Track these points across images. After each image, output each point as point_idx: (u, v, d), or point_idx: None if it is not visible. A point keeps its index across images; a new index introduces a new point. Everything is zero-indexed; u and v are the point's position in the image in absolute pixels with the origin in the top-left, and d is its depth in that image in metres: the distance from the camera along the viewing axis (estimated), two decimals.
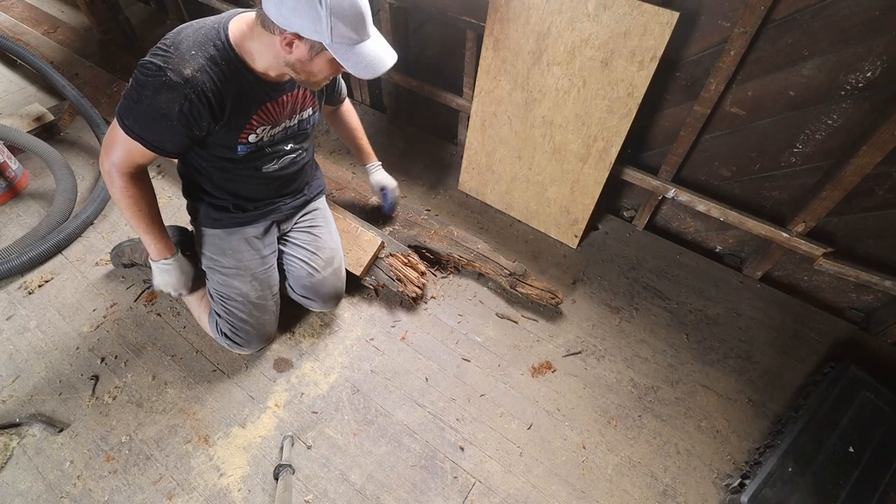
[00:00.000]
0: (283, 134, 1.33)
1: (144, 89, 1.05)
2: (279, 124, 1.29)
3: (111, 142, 1.16)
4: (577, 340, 1.66)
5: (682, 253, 1.93)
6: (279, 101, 1.24)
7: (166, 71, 1.03)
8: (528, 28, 1.60)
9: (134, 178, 1.21)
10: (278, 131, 1.30)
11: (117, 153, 1.16)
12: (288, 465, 1.31)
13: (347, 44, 1.01)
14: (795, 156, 1.54)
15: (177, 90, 1.04)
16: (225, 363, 1.56)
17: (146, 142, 1.12)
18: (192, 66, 1.04)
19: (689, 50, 1.52)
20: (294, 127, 1.34)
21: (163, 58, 1.04)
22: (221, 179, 1.35)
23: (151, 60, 1.04)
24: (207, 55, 1.07)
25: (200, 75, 1.05)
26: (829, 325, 1.72)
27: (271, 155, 1.34)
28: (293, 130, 1.35)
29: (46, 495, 1.29)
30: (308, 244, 1.56)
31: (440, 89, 2.13)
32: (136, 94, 1.06)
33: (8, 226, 1.95)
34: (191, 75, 1.04)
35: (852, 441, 1.34)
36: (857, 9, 1.22)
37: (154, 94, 1.05)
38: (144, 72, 1.05)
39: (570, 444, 1.43)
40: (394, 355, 1.60)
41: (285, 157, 1.39)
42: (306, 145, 1.46)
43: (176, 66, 1.03)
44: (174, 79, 1.03)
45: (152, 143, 1.13)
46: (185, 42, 1.06)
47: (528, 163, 1.88)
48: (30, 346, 1.58)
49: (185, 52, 1.05)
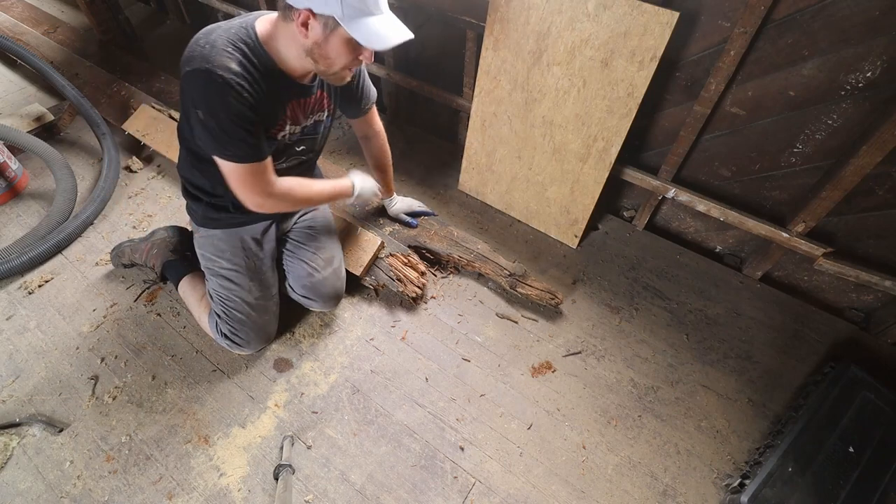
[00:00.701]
0: (301, 134, 1.35)
1: (212, 103, 1.06)
2: (300, 124, 1.32)
3: (242, 183, 1.19)
4: (577, 340, 1.66)
5: (682, 253, 1.93)
6: (303, 102, 1.27)
7: (215, 72, 1.03)
8: (528, 28, 1.60)
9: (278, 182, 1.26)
10: (298, 130, 1.33)
11: (259, 182, 1.20)
12: (288, 465, 1.31)
13: (358, 15, 1.02)
14: (795, 156, 1.54)
15: (234, 86, 1.06)
16: (225, 363, 1.56)
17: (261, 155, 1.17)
18: (234, 61, 1.07)
19: (689, 50, 1.52)
20: (310, 127, 1.36)
21: (205, 58, 1.04)
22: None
23: (198, 69, 1.04)
24: (242, 52, 1.09)
25: (241, 69, 1.07)
26: (829, 325, 1.72)
27: (286, 153, 1.37)
28: (309, 130, 1.37)
29: (46, 495, 1.29)
30: (308, 244, 1.56)
31: (440, 89, 2.13)
32: (213, 118, 1.07)
33: (8, 226, 1.95)
34: (237, 70, 1.06)
35: (852, 441, 1.34)
36: (857, 9, 1.22)
37: (223, 101, 1.06)
38: (197, 82, 1.05)
39: (570, 444, 1.43)
40: (394, 355, 1.60)
41: (295, 158, 1.41)
42: (317, 148, 1.48)
43: (221, 63, 1.05)
44: (227, 76, 1.04)
45: (263, 151, 1.18)
46: (220, 41, 1.07)
47: (528, 163, 1.88)
48: (30, 346, 1.58)
49: (221, 49, 1.06)
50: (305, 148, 1.42)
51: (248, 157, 1.15)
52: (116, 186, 2.09)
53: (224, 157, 1.14)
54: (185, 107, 1.14)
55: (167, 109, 2.27)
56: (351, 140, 2.40)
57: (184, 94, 1.11)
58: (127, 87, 2.45)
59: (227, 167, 1.16)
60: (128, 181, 2.15)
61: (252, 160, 1.16)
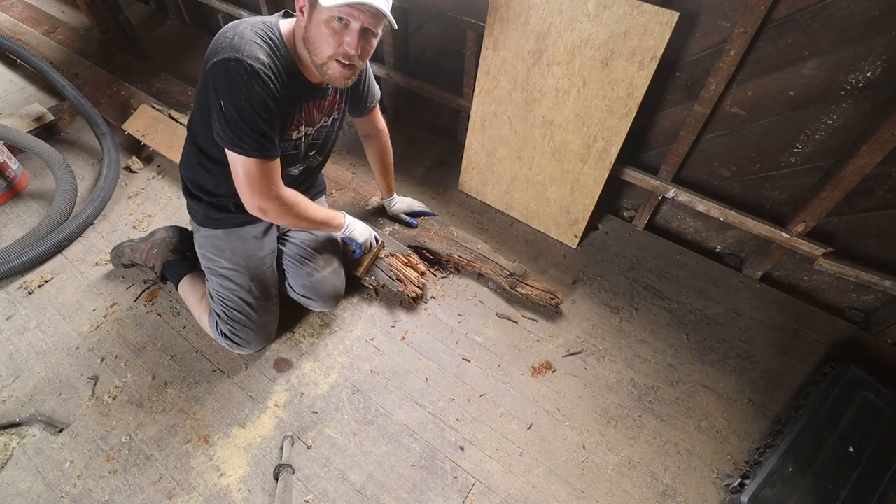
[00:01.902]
0: (314, 137, 1.36)
1: (237, 91, 1.05)
2: (314, 126, 1.32)
3: (250, 181, 1.17)
4: (577, 340, 1.66)
5: (682, 253, 1.93)
6: (318, 104, 1.28)
7: (244, 61, 1.03)
8: (528, 28, 1.60)
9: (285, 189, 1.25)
10: (312, 132, 1.33)
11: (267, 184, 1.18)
12: (288, 465, 1.31)
13: None
14: (795, 156, 1.54)
15: (262, 76, 1.05)
16: (225, 363, 1.56)
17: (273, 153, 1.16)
18: (263, 52, 1.07)
19: (689, 50, 1.52)
20: (323, 129, 1.37)
21: (234, 48, 1.04)
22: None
23: (227, 58, 1.04)
24: (269, 46, 1.09)
25: (269, 61, 1.07)
26: (829, 325, 1.72)
27: (299, 156, 1.37)
28: (321, 132, 1.38)
29: (46, 495, 1.29)
30: (308, 244, 1.56)
31: (440, 89, 2.13)
32: (234, 107, 1.06)
33: (8, 226, 1.95)
34: (265, 60, 1.06)
35: (852, 441, 1.34)
36: (857, 9, 1.22)
37: (248, 90, 1.05)
38: (225, 70, 1.04)
39: (570, 444, 1.43)
40: (394, 355, 1.60)
41: (307, 162, 1.43)
42: (327, 152, 1.50)
43: (251, 53, 1.05)
44: (256, 66, 1.04)
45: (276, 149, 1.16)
46: (248, 33, 1.07)
47: (528, 163, 1.88)
48: (30, 346, 1.58)
49: (250, 40, 1.06)
50: (316, 152, 1.43)
51: (262, 152, 1.14)
52: (116, 186, 2.09)
53: (238, 150, 1.13)
54: (203, 100, 1.14)
55: (167, 109, 2.27)
56: (351, 140, 2.40)
57: (205, 86, 1.10)
58: (127, 87, 2.45)
59: (238, 162, 1.15)
60: (128, 181, 2.15)
61: (265, 156, 1.15)
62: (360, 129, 1.65)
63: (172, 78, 2.59)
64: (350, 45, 1.07)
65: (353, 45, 1.07)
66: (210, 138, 1.21)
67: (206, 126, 1.21)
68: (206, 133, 1.23)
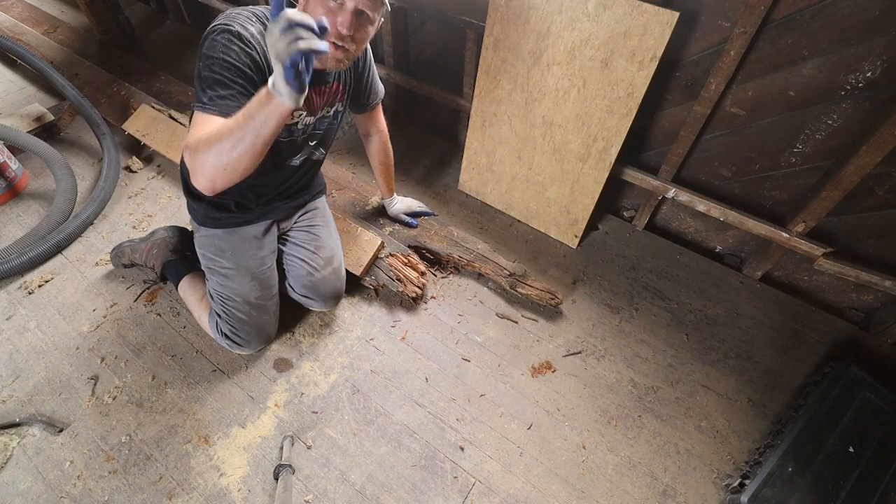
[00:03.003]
0: (314, 126, 1.35)
1: (215, 49, 1.04)
2: (315, 115, 1.31)
3: (192, 133, 1.03)
4: (577, 340, 1.66)
5: (682, 253, 1.93)
6: (320, 90, 1.28)
7: (230, 26, 1.04)
8: (528, 28, 1.60)
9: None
10: (313, 122, 1.33)
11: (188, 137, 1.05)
12: (288, 465, 1.31)
13: None
14: (795, 156, 1.54)
15: (247, 41, 1.06)
16: (225, 363, 1.56)
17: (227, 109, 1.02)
18: (254, 26, 1.08)
19: (689, 50, 1.52)
20: (325, 118, 1.37)
21: (225, 23, 1.06)
22: None
23: (215, 26, 1.05)
24: (262, 25, 1.10)
25: (258, 34, 1.08)
26: (829, 325, 1.72)
27: (299, 147, 1.36)
28: (323, 122, 1.37)
29: (46, 495, 1.29)
30: (308, 243, 1.56)
31: (440, 89, 2.13)
32: (208, 60, 1.04)
33: (8, 226, 1.95)
34: (253, 31, 1.07)
35: (852, 441, 1.34)
36: (857, 9, 1.22)
37: (225, 47, 1.04)
38: (211, 34, 1.05)
39: (570, 444, 1.43)
40: (394, 355, 1.60)
41: (307, 153, 1.42)
42: (328, 143, 1.49)
43: (240, 24, 1.06)
44: (241, 31, 1.05)
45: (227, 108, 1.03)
46: (243, 13, 1.10)
47: (528, 163, 1.88)
48: (30, 346, 1.58)
49: (242, 17, 1.08)
50: (318, 142, 1.42)
51: (210, 106, 1.02)
52: (116, 186, 2.09)
53: (197, 106, 1.04)
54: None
55: (167, 109, 2.27)
56: (351, 140, 2.40)
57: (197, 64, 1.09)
58: (127, 87, 2.45)
59: (196, 114, 1.05)
60: (128, 181, 2.15)
61: (209, 110, 1.02)
62: (360, 128, 1.65)
63: (172, 78, 2.59)
64: (343, 25, 1.07)
65: (346, 25, 1.07)
66: None
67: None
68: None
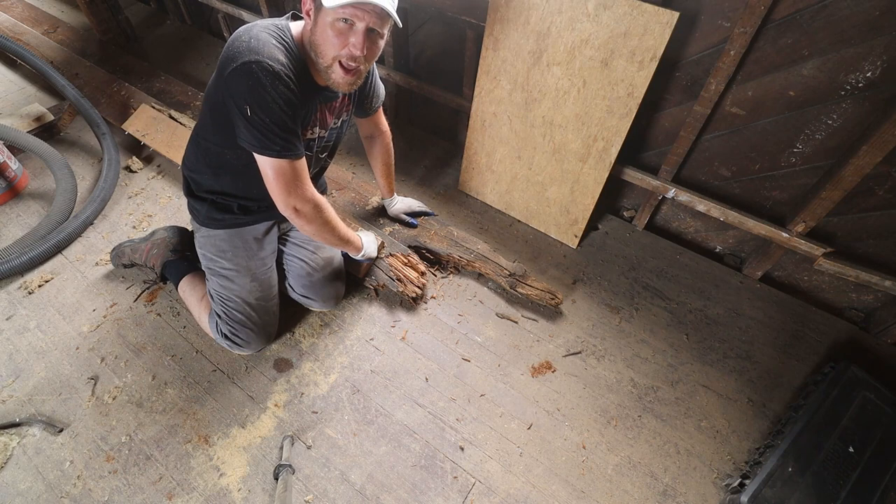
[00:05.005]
0: (326, 139, 1.36)
1: (262, 94, 1.04)
2: (326, 127, 1.33)
3: (285, 182, 1.16)
4: (577, 340, 1.66)
5: (682, 253, 1.93)
6: (329, 106, 1.29)
7: (265, 62, 1.03)
8: (528, 28, 1.60)
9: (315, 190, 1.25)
10: (325, 134, 1.34)
11: (300, 184, 1.18)
12: (288, 465, 1.31)
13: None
14: (795, 156, 1.54)
15: (283, 77, 1.06)
16: (225, 363, 1.56)
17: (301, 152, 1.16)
18: (281, 53, 1.07)
19: (689, 50, 1.52)
20: (334, 130, 1.38)
21: (253, 51, 1.04)
22: (244, 180, 1.33)
23: (247, 61, 1.03)
24: (285, 47, 1.09)
25: (287, 61, 1.08)
26: (829, 325, 1.72)
27: (313, 160, 1.37)
28: (332, 134, 1.38)
29: (46, 495, 1.29)
30: (308, 243, 1.56)
31: (440, 89, 2.13)
32: (261, 110, 1.05)
33: (8, 226, 1.95)
34: (284, 61, 1.07)
35: (852, 441, 1.34)
36: (857, 9, 1.22)
37: (273, 91, 1.05)
38: (248, 74, 1.03)
39: (570, 444, 1.43)
40: (394, 355, 1.60)
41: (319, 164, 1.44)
42: (334, 153, 1.50)
43: (271, 54, 1.05)
44: (277, 67, 1.04)
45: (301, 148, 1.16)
46: (263, 35, 1.07)
47: (528, 163, 1.88)
48: (30, 346, 1.58)
49: (266, 41, 1.06)
50: (327, 154, 1.44)
51: (293, 152, 1.14)
52: (116, 186, 2.09)
53: (269, 153, 1.11)
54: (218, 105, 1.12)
55: (167, 109, 2.27)
56: (351, 140, 2.40)
57: (224, 92, 1.09)
58: (127, 87, 2.45)
59: (269, 165, 1.14)
60: (128, 181, 2.15)
61: (295, 156, 1.15)
62: (362, 130, 1.65)
63: (172, 78, 2.59)
64: (355, 46, 1.06)
65: (359, 46, 1.06)
66: (221, 142, 1.21)
67: (219, 131, 1.20)
68: (217, 137, 1.22)
